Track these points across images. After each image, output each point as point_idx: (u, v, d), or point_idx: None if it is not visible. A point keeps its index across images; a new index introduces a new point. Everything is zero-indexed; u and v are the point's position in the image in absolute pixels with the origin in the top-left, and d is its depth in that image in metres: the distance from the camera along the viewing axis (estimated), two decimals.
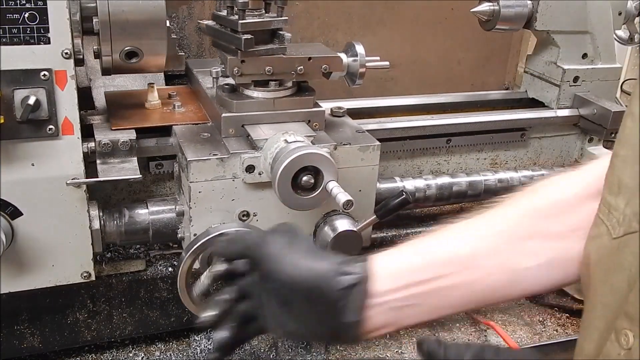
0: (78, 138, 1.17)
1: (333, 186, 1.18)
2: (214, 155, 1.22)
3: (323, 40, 2.04)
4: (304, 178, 1.17)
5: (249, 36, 1.23)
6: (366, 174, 1.35)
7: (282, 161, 1.14)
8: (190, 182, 1.21)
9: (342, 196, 1.14)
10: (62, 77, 1.12)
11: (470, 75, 2.33)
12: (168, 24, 1.21)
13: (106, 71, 1.25)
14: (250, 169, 1.23)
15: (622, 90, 2.95)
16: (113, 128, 1.29)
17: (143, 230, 1.34)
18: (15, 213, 1.17)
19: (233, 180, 1.24)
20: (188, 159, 1.21)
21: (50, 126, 1.14)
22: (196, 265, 1.25)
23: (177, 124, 1.36)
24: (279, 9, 1.28)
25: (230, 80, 1.35)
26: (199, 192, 1.22)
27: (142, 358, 1.51)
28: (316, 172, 1.18)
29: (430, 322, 1.69)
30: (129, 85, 1.54)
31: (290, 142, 1.19)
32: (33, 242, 1.21)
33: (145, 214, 1.34)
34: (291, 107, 1.33)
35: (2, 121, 1.07)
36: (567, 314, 1.76)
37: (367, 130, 1.62)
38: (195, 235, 1.24)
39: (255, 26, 1.25)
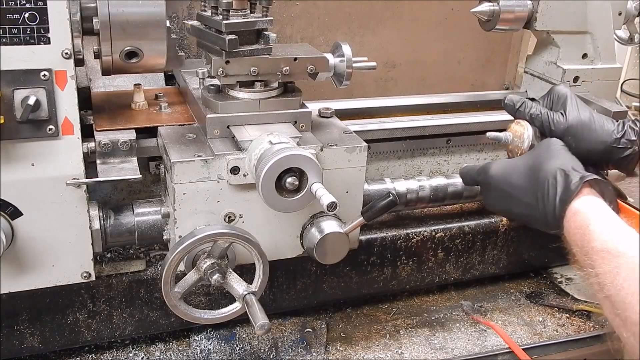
0: (78, 138, 1.17)
1: (317, 188, 1.16)
2: (198, 156, 1.20)
3: (323, 40, 2.04)
4: (288, 180, 1.15)
5: (233, 36, 1.22)
6: (353, 176, 1.33)
7: (265, 163, 1.13)
8: (175, 184, 1.20)
9: (326, 198, 1.13)
10: (62, 77, 1.12)
11: (470, 75, 2.33)
12: (168, 24, 1.21)
13: (106, 71, 1.25)
14: (235, 170, 1.22)
15: (622, 90, 2.95)
16: (97, 129, 1.29)
17: (128, 232, 1.33)
18: (15, 213, 1.17)
19: (218, 182, 1.23)
20: (172, 161, 1.19)
21: (50, 126, 1.14)
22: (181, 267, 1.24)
23: (162, 125, 1.34)
24: (263, 9, 1.27)
25: (216, 81, 1.34)
26: (184, 193, 1.21)
27: (142, 358, 1.51)
28: (300, 174, 1.17)
29: (430, 322, 1.70)
30: (129, 86, 1.54)
31: (275, 144, 1.17)
32: (33, 242, 1.21)
33: (130, 215, 1.33)
34: (277, 108, 1.32)
35: (2, 121, 1.07)
36: (567, 314, 1.76)
37: (368, 130, 1.62)
38: (180, 237, 1.23)
39: (240, 26, 1.24)
